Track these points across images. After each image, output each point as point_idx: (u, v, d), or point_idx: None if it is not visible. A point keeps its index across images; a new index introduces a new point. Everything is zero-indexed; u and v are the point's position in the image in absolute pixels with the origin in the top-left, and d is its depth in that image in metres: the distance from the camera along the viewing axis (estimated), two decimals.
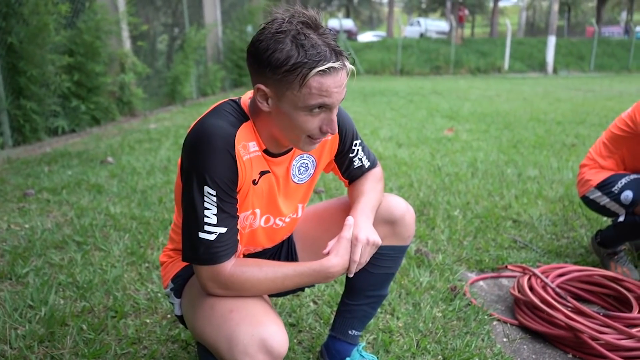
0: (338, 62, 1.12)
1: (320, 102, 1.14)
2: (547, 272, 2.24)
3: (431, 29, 30.71)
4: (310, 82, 1.11)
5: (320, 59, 1.10)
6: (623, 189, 2.38)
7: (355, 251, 1.27)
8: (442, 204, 3.51)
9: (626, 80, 17.52)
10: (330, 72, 1.12)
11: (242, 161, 1.21)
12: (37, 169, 4.37)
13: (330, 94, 1.14)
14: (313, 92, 1.12)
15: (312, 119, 1.17)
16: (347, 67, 1.16)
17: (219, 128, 1.18)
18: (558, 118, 7.68)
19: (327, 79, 1.12)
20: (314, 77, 1.11)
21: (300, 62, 1.09)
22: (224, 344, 1.15)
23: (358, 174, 1.54)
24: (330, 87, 1.13)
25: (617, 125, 2.51)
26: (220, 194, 1.18)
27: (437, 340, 1.92)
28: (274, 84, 1.14)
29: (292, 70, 1.10)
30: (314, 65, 1.09)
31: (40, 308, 2.06)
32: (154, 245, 2.74)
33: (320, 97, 1.13)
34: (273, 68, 1.11)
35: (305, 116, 1.16)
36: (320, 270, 1.24)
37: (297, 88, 1.12)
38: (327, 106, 1.16)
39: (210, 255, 1.19)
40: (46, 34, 5.20)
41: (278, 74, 1.11)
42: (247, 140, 1.24)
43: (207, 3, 11.06)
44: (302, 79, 1.10)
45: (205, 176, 1.16)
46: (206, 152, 1.16)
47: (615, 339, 1.78)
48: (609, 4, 39.46)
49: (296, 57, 1.09)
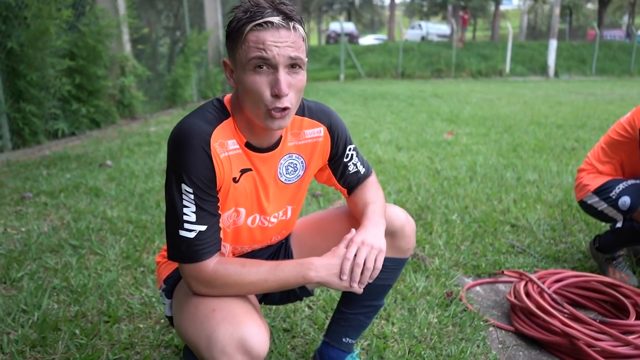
0: (278, 18, 1.14)
1: (258, 55, 1.14)
2: (544, 277, 2.22)
3: (432, 32, 30.75)
4: (249, 36, 1.14)
5: (258, 14, 1.14)
6: (620, 195, 2.37)
7: (349, 250, 1.24)
8: (440, 208, 3.50)
9: (628, 84, 17.50)
10: (268, 26, 1.14)
11: (218, 159, 1.22)
12: (36, 172, 4.37)
13: (268, 47, 1.14)
14: (250, 45, 1.14)
15: (259, 80, 1.16)
16: (295, 29, 1.16)
17: (196, 127, 1.20)
18: (558, 122, 7.66)
19: (264, 33, 1.14)
20: (252, 32, 1.14)
21: (241, 19, 1.15)
22: (203, 343, 1.15)
23: (354, 180, 1.52)
24: (268, 40, 1.14)
25: (616, 130, 2.50)
26: (198, 191, 1.19)
27: (432, 346, 1.91)
28: (230, 52, 1.20)
29: (236, 30, 1.16)
30: (250, 20, 1.14)
31: (34, 312, 2.05)
32: (150, 249, 2.73)
33: (258, 49, 1.14)
34: (228, 36, 1.19)
35: (251, 76, 1.16)
36: (302, 263, 1.22)
37: (240, 46, 1.16)
38: (267, 62, 1.15)
39: (191, 253, 1.20)
40: (47, 37, 5.21)
41: (229, 39, 1.18)
42: (226, 138, 1.24)
43: (208, 6, 11.08)
44: (241, 34, 1.15)
45: (182, 174, 1.18)
46: (182, 151, 1.18)
47: (611, 346, 1.77)
48: (610, 7, 39.46)
49: (239, 16, 1.15)
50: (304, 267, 1.22)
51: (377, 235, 1.30)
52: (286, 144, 1.36)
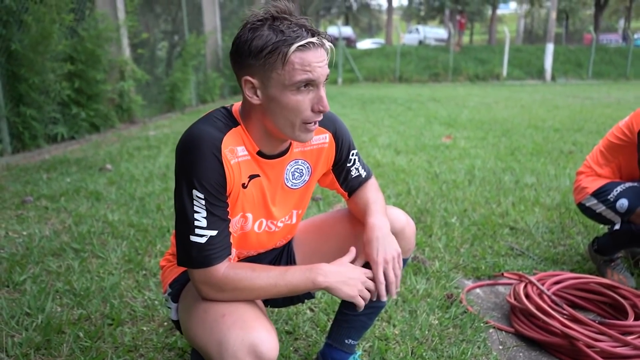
0: (315, 38, 1.17)
1: (305, 78, 1.17)
2: (544, 279, 2.24)
3: (430, 36, 30.89)
4: (292, 58, 1.15)
5: (298, 36, 1.15)
6: (618, 197, 2.39)
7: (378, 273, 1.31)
8: (439, 211, 3.52)
9: (624, 87, 17.59)
10: (310, 47, 1.16)
11: (229, 165, 1.23)
12: (36, 176, 4.38)
13: (314, 69, 1.17)
14: (296, 67, 1.15)
15: (303, 99, 1.19)
16: (326, 45, 1.20)
17: (206, 133, 1.22)
18: (556, 125, 7.70)
19: (307, 54, 1.16)
20: (295, 53, 1.15)
21: (279, 41, 1.14)
22: (214, 348, 1.16)
23: (356, 184, 1.55)
24: (312, 62, 1.16)
25: (615, 133, 2.52)
26: (209, 197, 1.20)
27: (434, 347, 1.93)
28: (258, 71, 1.18)
29: (273, 51, 1.15)
30: (292, 41, 1.14)
31: (37, 315, 2.06)
32: (152, 253, 2.75)
33: (304, 72, 1.16)
34: (255, 54, 1.16)
35: (294, 96, 1.18)
36: (312, 269, 1.26)
37: (280, 67, 1.16)
38: (312, 82, 1.18)
39: (202, 258, 1.21)
40: (48, 42, 5.23)
41: (260, 58, 1.16)
42: (235, 145, 1.26)
43: (207, 10, 11.12)
44: (283, 56, 1.15)
45: (194, 180, 1.19)
46: (194, 157, 1.19)
47: (610, 347, 1.79)
48: (606, 11, 39.69)
49: (274, 38, 1.15)
50: (314, 273, 1.25)
51: (390, 240, 1.36)
52: (292, 150, 1.38)
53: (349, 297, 1.26)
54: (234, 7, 13.55)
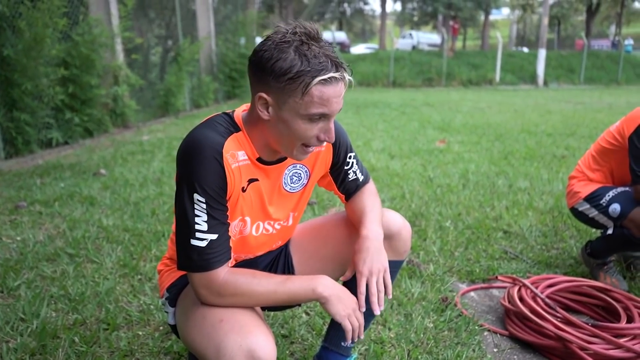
0: (338, 72, 1.17)
1: (321, 112, 1.18)
2: (537, 282, 2.26)
3: (423, 41, 31.02)
4: (313, 90, 1.15)
5: (323, 69, 1.15)
6: (611, 202, 2.42)
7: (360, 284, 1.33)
8: (433, 215, 3.54)
9: (615, 92, 17.75)
10: (332, 81, 1.16)
11: (230, 169, 1.24)
12: (30, 181, 4.36)
13: (331, 104, 1.18)
14: (315, 100, 1.16)
15: (312, 128, 1.21)
16: (346, 78, 1.21)
17: (208, 138, 1.22)
18: (548, 130, 7.76)
19: (328, 89, 1.16)
20: (316, 86, 1.15)
21: (303, 71, 1.14)
22: (212, 353, 1.16)
23: (353, 187, 1.56)
24: (331, 97, 1.17)
25: (606, 138, 2.55)
26: (210, 200, 1.21)
27: (429, 350, 1.94)
28: (276, 92, 1.18)
29: (296, 78, 1.14)
30: (316, 74, 1.14)
31: (32, 321, 2.05)
32: (147, 257, 2.74)
33: (322, 106, 1.17)
34: (276, 76, 1.15)
35: (305, 124, 1.20)
36: (311, 279, 1.27)
37: (299, 96, 1.16)
38: (326, 116, 1.20)
39: (202, 262, 1.22)
40: (41, 47, 5.22)
41: (281, 82, 1.15)
42: (236, 150, 1.27)
43: (201, 15, 11.12)
44: (305, 87, 1.15)
45: (195, 184, 1.20)
46: (195, 161, 1.20)
47: (603, 349, 1.81)
48: (598, 17, 40.07)
49: (299, 65, 1.14)
50: (314, 282, 1.27)
51: (379, 253, 1.37)
52: None
53: (340, 316, 1.27)
54: (228, 12, 13.56)
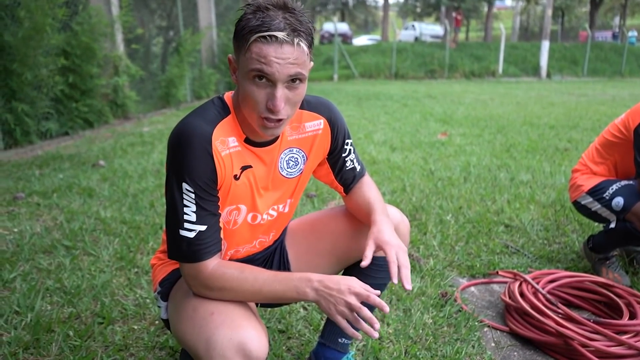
0: (284, 33, 1.11)
1: (258, 68, 1.13)
2: (538, 277, 2.23)
3: (426, 32, 30.79)
4: (252, 46, 1.13)
5: (267, 27, 1.11)
6: (614, 196, 2.38)
7: (390, 254, 1.30)
8: (434, 208, 3.51)
9: (619, 85, 17.64)
10: (272, 40, 1.11)
11: (220, 157, 1.22)
12: (28, 172, 4.34)
13: (269, 63, 1.12)
14: (253, 56, 1.13)
15: (257, 90, 1.16)
16: (299, 45, 1.13)
17: (197, 126, 1.20)
18: (551, 122, 7.71)
19: (268, 47, 1.11)
20: (255, 43, 1.12)
21: (248, 27, 1.13)
22: (202, 347, 1.14)
23: (351, 178, 1.52)
24: (270, 56, 1.12)
25: (610, 131, 2.51)
26: (199, 191, 1.19)
27: (428, 347, 1.91)
28: (235, 52, 1.19)
29: (243, 35, 1.14)
30: (257, 30, 1.12)
31: (27, 314, 2.03)
32: (144, 250, 2.72)
33: (259, 62, 1.12)
34: (235, 35, 1.17)
35: (250, 85, 1.16)
36: (300, 279, 1.20)
37: (243, 52, 1.15)
38: (267, 76, 1.13)
39: (191, 252, 1.20)
40: (40, 36, 5.18)
41: (236, 39, 1.16)
42: (226, 136, 1.24)
43: (202, 6, 11.05)
44: (246, 42, 1.13)
45: (184, 174, 1.18)
46: (184, 151, 1.18)
47: (605, 346, 1.78)
48: (602, 9, 39.73)
49: (249, 24, 1.13)
50: (302, 283, 1.19)
51: (397, 236, 1.37)
52: (286, 137, 1.36)
53: (331, 314, 1.19)
54: (229, 2, 13.48)
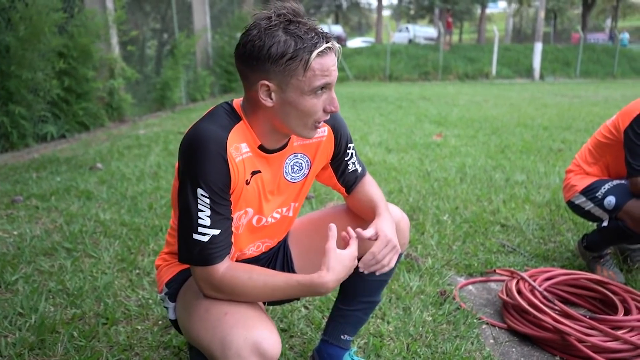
0: (329, 42, 1.20)
1: (324, 82, 1.20)
2: (535, 275, 2.27)
3: (419, 35, 30.96)
4: (313, 64, 1.17)
5: (317, 42, 1.17)
6: (606, 195, 2.43)
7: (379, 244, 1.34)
8: (431, 209, 3.55)
9: (611, 86, 17.78)
10: (327, 52, 1.19)
11: (234, 163, 1.24)
12: (25, 175, 4.34)
13: (331, 73, 1.21)
14: (317, 73, 1.18)
15: (318, 102, 1.23)
16: (336, 46, 1.23)
17: (212, 132, 1.22)
18: (545, 123, 7.78)
19: (326, 59, 1.19)
20: (316, 60, 1.17)
21: (300, 49, 1.16)
22: (217, 347, 1.17)
23: (353, 179, 1.56)
24: (330, 66, 1.20)
25: (602, 132, 2.56)
26: (214, 196, 1.21)
27: (428, 344, 1.95)
28: (276, 76, 1.18)
29: (294, 58, 1.16)
30: (313, 48, 1.16)
31: (31, 315, 2.05)
32: (145, 252, 2.74)
33: (323, 77, 1.19)
34: (274, 60, 1.16)
35: (311, 99, 1.21)
36: (311, 285, 1.23)
37: (301, 73, 1.17)
38: (328, 85, 1.23)
39: (203, 256, 1.22)
40: (38, 39, 5.18)
41: (280, 64, 1.16)
42: (239, 142, 1.27)
43: (197, 9, 11.06)
44: (305, 63, 1.16)
45: (199, 180, 1.19)
46: (199, 156, 1.19)
47: (601, 341, 1.82)
48: (594, 10, 40.06)
49: (294, 45, 1.15)
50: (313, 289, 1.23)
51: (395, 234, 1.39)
52: (292, 143, 1.39)
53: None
54: (224, 5, 13.50)
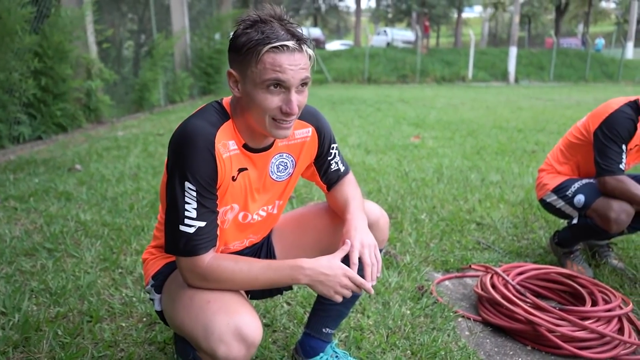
0: (292, 41, 1.22)
1: (274, 77, 1.22)
2: (508, 270, 2.36)
3: (397, 38, 31.25)
4: (265, 57, 1.21)
5: (275, 37, 1.21)
6: (576, 193, 2.53)
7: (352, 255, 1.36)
8: (409, 208, 3.63)
9: (583, 89, 18.26)
10: (284, 49, 1.21)
11: (221, 159, 1.29)
12: (2, 176, 4.28)
13: (284, 71, 1.21)
14: (267, 67, 1.21)
15: (271, 97, 1.24)
16: (306, 51, 1.26)
17: (201, 128, 1.27)
18: (519, 126, 7.97)
19: (280, 56, 1.21)
20: (268, 53, 1.21)
21: (256, 40, 1.21)
22: (200, 333, 1.21)
23: (335, 177, 1.62)
24: (284, 64, 1.21)
25: (573, 133, 2.67)
26: (200, 189, 1.26)
27: (406, 336, 2.02)
28: (239, 66, 1.26)
29: (251, 48, 1.21)
30: (267, 42, 1.20)
31: (14, 314, 2.05)
32: (127, 251, 2.75)
33: (274, 72, 1.21)
34: (237, 50, 1.24)
35: (263, 94, 1.24)
36: (290, 267, 1.29)
37: (254, 65, 1.22)
38: (282, 83, 1.23)
39: (189, 247, 1.27)
40: (11, 38, 5.10)
41: (241, 54, 1.23)
42: (227, 139, 1.32)
43: (175, 10, 11.01)
44: (257, 55, 1.21)
45: (187, 173, 1.24)
46: (188, 151, 1.24)
47: (570, 331, 1.91)
48: (567, 16, 40.99)
49: (254, 37, 1.21)
50: (295, 270, 1.29)
51: (367, 232, 1.43)
52: (277, 143, 1.45)
53: (325, 295, 1.32)
54: (203, 6, 13.46)
